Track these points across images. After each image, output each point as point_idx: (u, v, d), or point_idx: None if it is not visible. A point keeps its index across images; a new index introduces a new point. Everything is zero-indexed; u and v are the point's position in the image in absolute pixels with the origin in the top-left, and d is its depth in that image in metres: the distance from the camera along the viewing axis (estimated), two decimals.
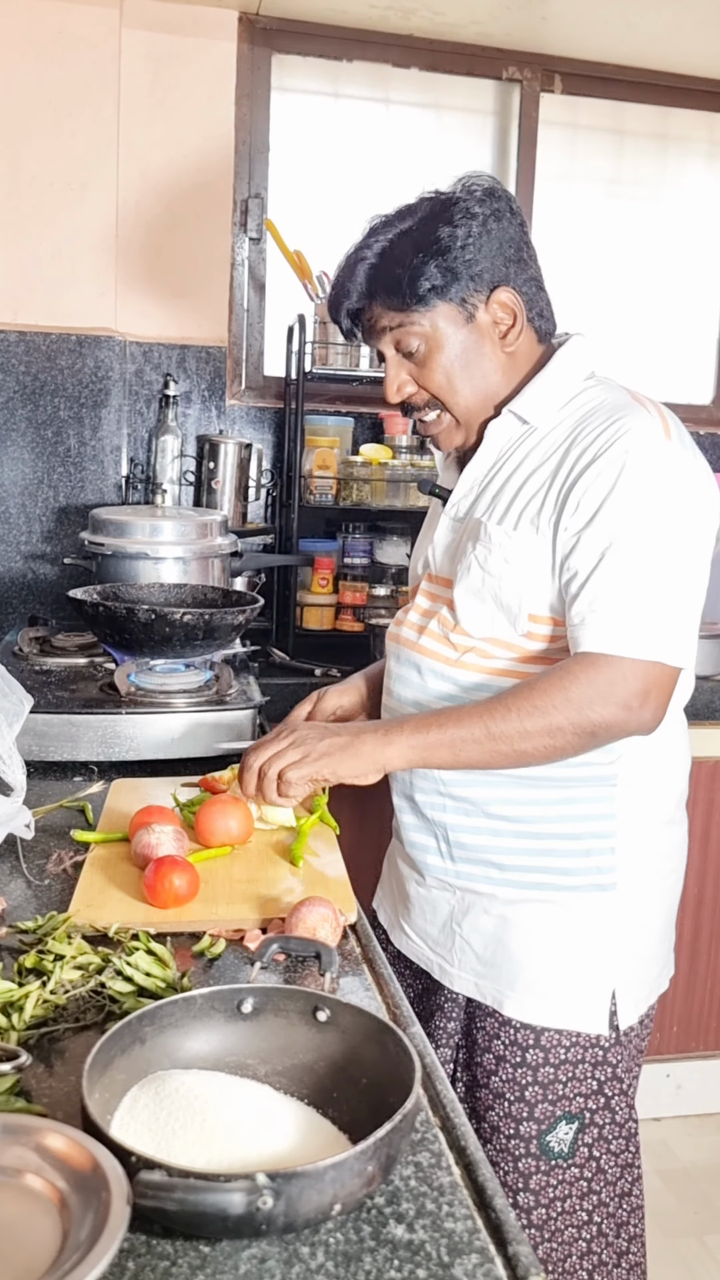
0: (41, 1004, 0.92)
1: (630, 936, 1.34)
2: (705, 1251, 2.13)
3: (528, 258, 1.31)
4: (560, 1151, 1.33)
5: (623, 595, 1.19)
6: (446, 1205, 0.73)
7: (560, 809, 1.29)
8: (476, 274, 1.26)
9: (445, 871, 1.37)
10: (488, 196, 1.27)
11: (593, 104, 2.84)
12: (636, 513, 1.19)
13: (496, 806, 1.30)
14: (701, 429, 2.95)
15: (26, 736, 1.50)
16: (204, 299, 2.57)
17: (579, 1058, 1.32)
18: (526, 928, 1.32)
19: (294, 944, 1.01)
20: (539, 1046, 1.32)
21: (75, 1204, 0.64)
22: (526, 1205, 1.33)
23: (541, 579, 1.25)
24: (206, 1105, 0.76)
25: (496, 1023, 1.34)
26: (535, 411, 1.30)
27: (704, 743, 2.28)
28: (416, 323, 1.28)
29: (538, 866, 1.31)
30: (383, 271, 1.27)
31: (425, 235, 1.25)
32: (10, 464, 2.46)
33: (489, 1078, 1.34)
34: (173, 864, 1.12)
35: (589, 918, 1.31)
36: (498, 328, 1.29)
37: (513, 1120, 1.33)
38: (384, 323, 1.30)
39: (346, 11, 2.51)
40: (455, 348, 1.29)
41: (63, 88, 2.38)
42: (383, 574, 2.59)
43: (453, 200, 1.27)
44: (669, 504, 1.20)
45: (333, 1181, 0.67)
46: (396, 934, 1.49)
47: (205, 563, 2.03)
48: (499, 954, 1.33)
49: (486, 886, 1.34)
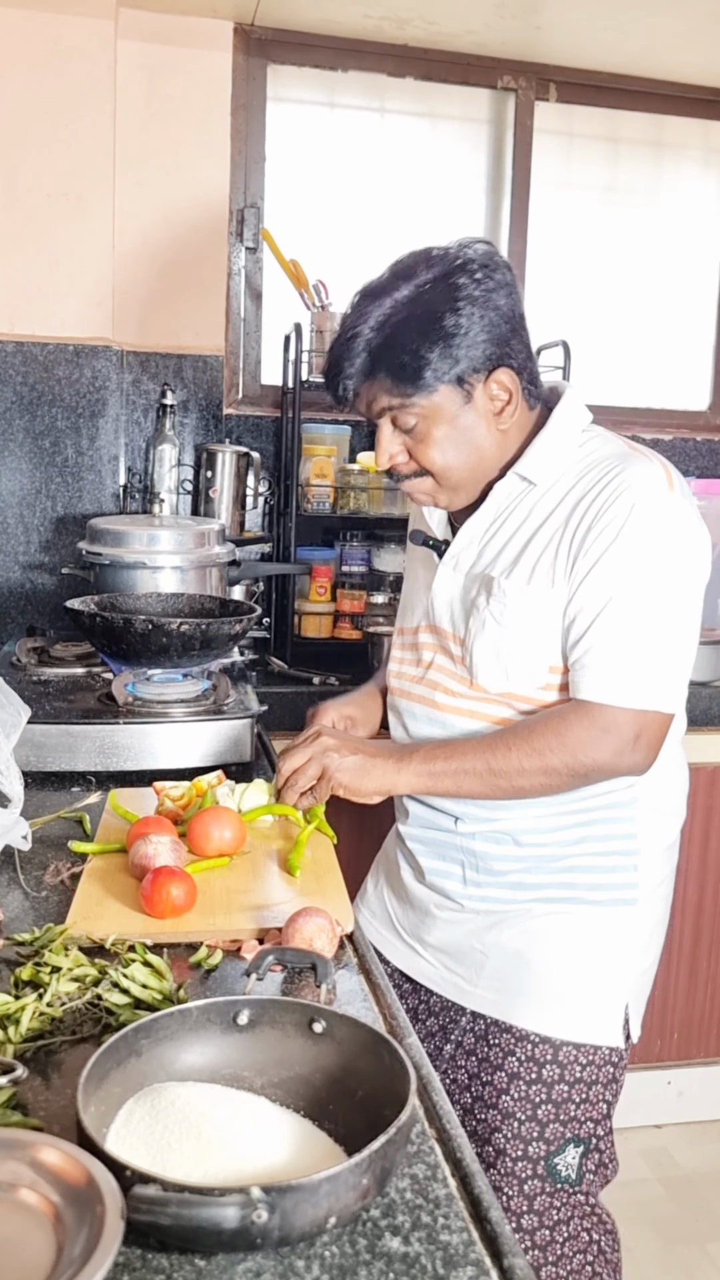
0: (38, 1016, 0.92)
1: (643, 949, 1.38)
2: (706, 1259, 2.13)
3: (522, 329, 1.30)
4: (568, 1177, 1.34)
5: (620, 646, 1.24)
6: (442, 1218, 0.73)
7: (587, 830, 1.34)
8: (476, 357, 1.25)
9: (469, 896, 1.38)
10: (486, 275, 1.25)
11: (587, 112, 2.85)
12: (638, 564, 1.24)
13: (527, 835, 1.34)
14: (698, 435, 2.96)
15: (24, 747, 1.50)
16: (201, 308, 2.58)
17: (594, 1077, 1.34)
18: (549, 941, 1.34)
19: (290, 955, 1.01)
20: (556, 1062, 1.33)
21: (70, 1218, 0.64)
22: (530, 1228, 1.33)
23: (557, 630, 1.29)
24: (202, 1118, 0.76)
25: (513, 1038, 1.34)
26: (539, 471, 1.32)
27: (704, 749, 2.28)
28: (417, 404, 1.27)
29: (565, 883, 1.34)
30: (385, 353, 1.25)
31: (428, 321, 1.23)
32: (8, 474, 2.47)
33: (499, 1097, 1.34)
34: (170, 875, 1.12)
35: (611, 931, 1.35)
36: (494, 405, 1.29)
37: (521, 1141, 1.33)
38: (383, 403, 1.29)
39: (341, 22, 2.52)
40: (452, 427, 1.29)
41: (59, 99, 2.38)
42: (380, 582, 2.59)
43: (453, 280, 1.24)
44: (669, 556, 1.25)
45: (328, 1195, 0.67)
46: (402, 953, 1.49)
47: (203, 572, 2.03)
48: (520, 968, 1.35)
49: (512, 905, 1.36)
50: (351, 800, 1.32)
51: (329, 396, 1.34)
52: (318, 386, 2.48)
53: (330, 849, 1.33)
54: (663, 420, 2.96)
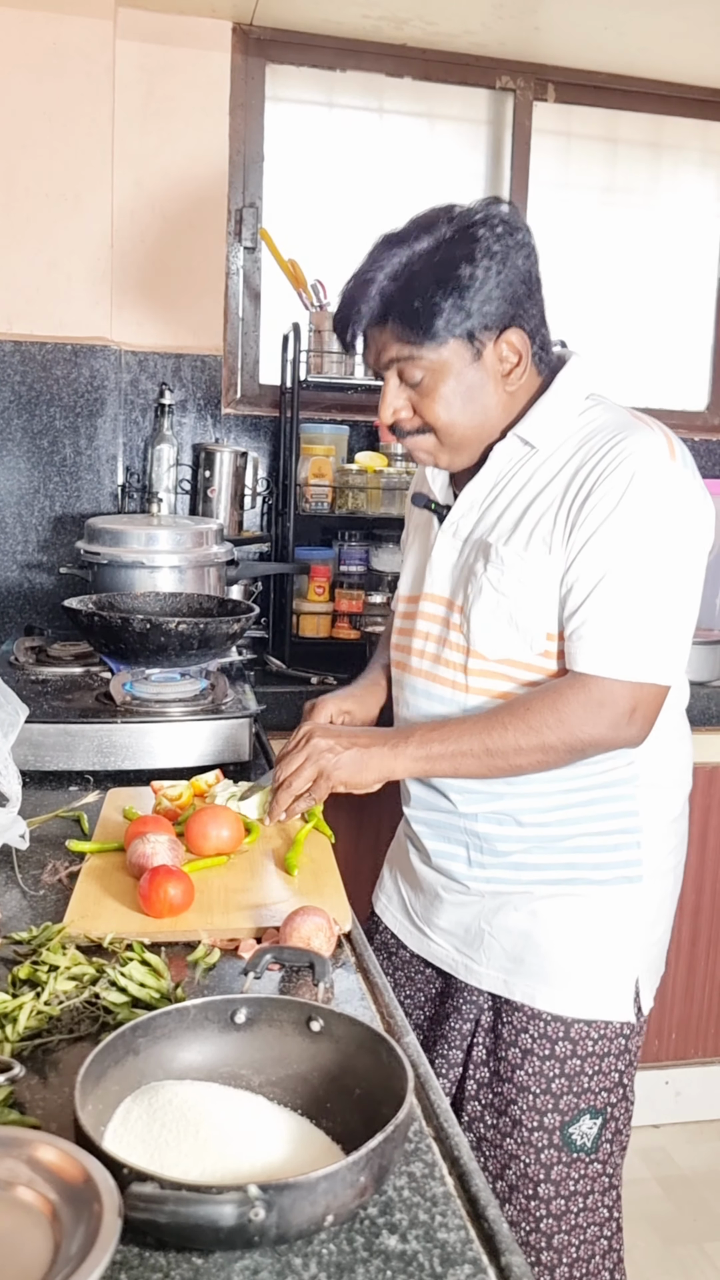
0: (36, 1015, 0.92)
1: (649, 925, 1.39)
2: (704, 1258, 2.13)
3: (537, 293, 1.30)
4: (584, 1146, 1.35)
5: (616, 617, 1.23)
6: (440, 1216, 0.73)
7: (588, 809, 1.34)
8: (489, 314, 1.24)
9: (474, 878, 1.39)
10: (507, 232, 1.24)
11: (586, 112, 2.85)
12: (636, 534, 1.22)
13: (529, 815, 1.34)
14: (696, 435, 2.96)
15: (22, 746, 1.50)
16: (199, 308, 2.58)
17: (605, 1049, 1.35)
18: (556, 922, 1.35)
19: (287, 954, 1.01)
20: (568, 1039, 1.34)
21: (67, 1216, 0.64)
22: (546, 1196, 1.35)
23: (556, 598, 1.28)
24: (200, 1116, 0.76)
25: (525, 1016, 1.35)
26: (539, 434, 1.31)
27: (701, 748, 2.28)
28: (425, 356, 1.26)
29: (568, 863, 1.35)
30: (398, 300, 1.24)
31: (445, 270, 1.22)
32: (6, 473, 2.47)
33: (514, 1072, 1.36)
34: (167, 874, 1.12)
35: (616, 909, 1.35)
36: (503, 365, 1.28)
37: (536, 1113, 1.35)
38: (392, 353, 1.28)
39: (340, 22, 2.52)
40: (459, 383, 1.28)
41: (57, 99, 2.38)
42: (379, 582, 2.59)
43: (473, 232, 1.23)
44: (669, 526, 1.23)
45: (325, 1192, 0.67)
46: (415, 938, 1.50)
47: (201, 571, 2.03)
48: (528, 949, 1.36)
49: (517, 887, 1.37)
50: (353, 793, 1.32)
51: (339, 340, 1.33)
52: (316, 386, 2.49)
53: (328, 848, 1.33)
54: (662, 420, 2.94)
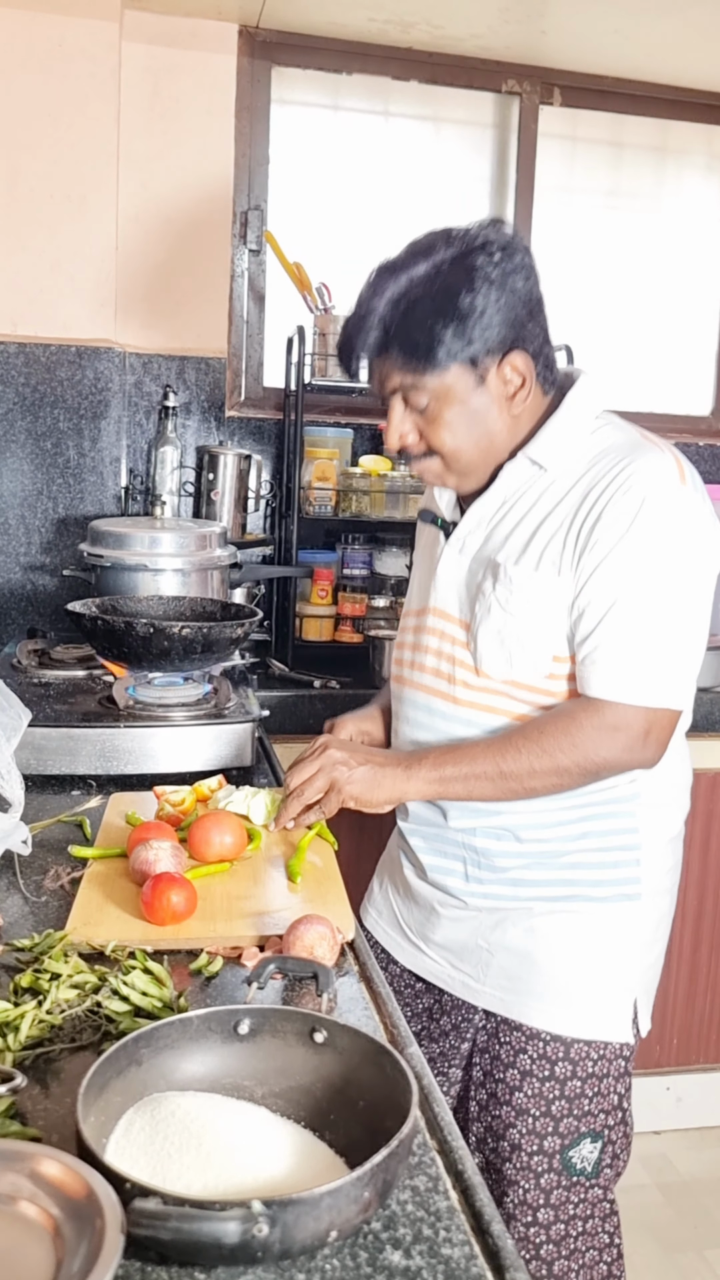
0: (37, 1024, 0.91)
1: (648, 945, 1.38)
2: (705, 1266, 2.12)
3: (539, 313, 1.29)
4: (584, 1170, 1.34)
5: (630, 642, 1.23)
6: (444, 1231, 0.72)
7: (588, 825, 1.33)
8: (490, 339, 1.24)
9: (471, 893, 1.38)
10: (505, 257, 1.24)
11: (592, 116, 2.85)
12: (648, 559, 1.22)
13: (528, 830, 1.33)
14: (701, 440, 2.95)
15: (24, 750, 1.50)
16: (203, 310, 2.58)
17: (605, 1071, 1.34)
18: (554, 940, 1.34)
19: (291, 964, 1.01)
20: (568, 1059, 1.33)
21: (69, 1232, 0.64)
22: (546, 1221, 1.34)
23: (564, 620, 1.27)
24: (203, 1128, 0.75)
25: (524, 1036, 1.34)
26: (549, 456, 1.30)
27: (704, 755, 2.28)
28: (428, 383, 1.26)
29: (567, 880, 1.34)
30: (399, 330, 1.25)
31: (444, 299, 1.22)
32: (9, 475, 2.46)
33: (511, 1094, 1.34)
34: (170, 881, 1.11)
35: (615, 928, 1.35)
36: (507, 388, 1.28)
37: (536, 1136, 1.33)
38: (395, 381, 1.28)
39: (346, 25, 2.52)
40: (463, 409, 1.28)
41: (62, 100, 2.38)
42: (382, 585, 2.59)
43: (471, 260, 1.23)
44: (679, 551, 1.23)
45: (329, 1208, 0.66)
46: (407, 952, 1.48)
47: (204, 574, 2.03)
48: (526, 967, 1.35)
49: (515, 903, 1.35)
50: (362, 811, 1.32)
51: (342, 369, 1.34)
52: (320, 389, 2.48)
53: (331, 855, 1.32)
54: (665, 425, 2.96)
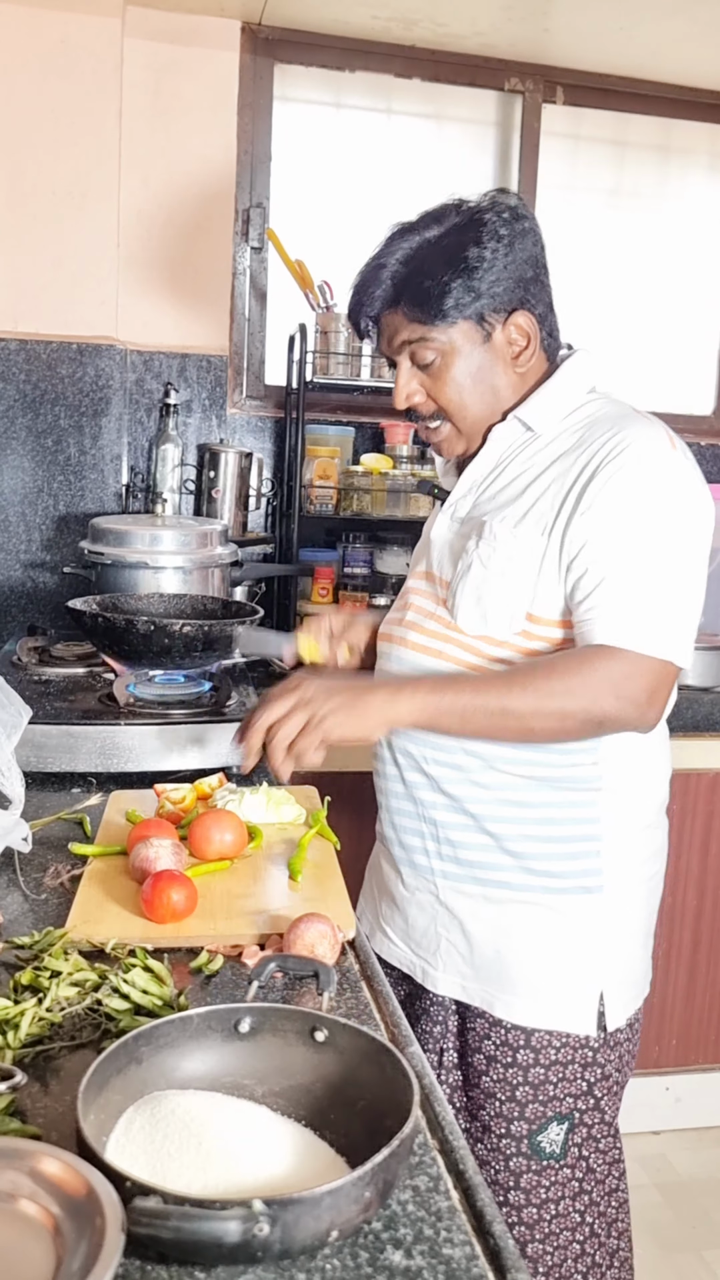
0: (37, 1022, 0.91)
1: (616, 939, 1.36)
2: (703, 1266, 2.12)
3: (544, 279, 1.34)
4: (552, 1152, 1.35)
5: (637, 593, 1.21)
6: (445, 1231, 0.72)
7: (545, 811, 1.31)
8: (498, 295, 1.28)
9: (431, 871, 1.37)
10: (514, 218, 1.28)
11: (594, 115, 2.85)
12: (646, 518, 1.22)
13: (483, 807, 1.31)
14: (703, 440, 2.95)
15: (24, 748, 1.50)
16: (205, 308, 2.57)
17: (569, 1059, 1.34)
18: (514, 930, 1.33)
19: (292, 963, 1.00)
20: (529, 1047, 1.33)
21: (69, 1230, 0.64)
22: (517, 1203, 1.34)
23: (543, 580, 1.26)
24: (203, 1127, 0.75)
25: (487, 1023, 1.35)
26: (540, 419, 1.32)
27: (704, 755, 2.28)
28: (436, 337, 1.29)
29: (525, 869, 1.32)
30: (409, 282, 1.29)
31: (453, 252, 1.26)
32: (10, 472, 2.46)
33: (480, 1077, 1.35)
34: (171, 878, 1.11)
35: (576, 920, 1.33)
36: (511, 348, 1.32)
37: (504, 1120, 1.34)
38: (404, 335, 1.31)
39: (349, 22, 2.51)
40: (470, 365, 1.31)
41: (65, 97, 2.38)
42: (383, 584, 2.59)
43: (480, 218, 1.28)
44: (676, 510, 1.23)
45: (330, 1208, 0.66)
46: (378, 939, 1.49)
47: (205, 572, 2.03)
48: (486, 956, 1.34)
49: (473, 887, 1.34)
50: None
51: (351, 327, 1.37)
52: (322, 387, 2.48)
53: (332, 853, 1.32)
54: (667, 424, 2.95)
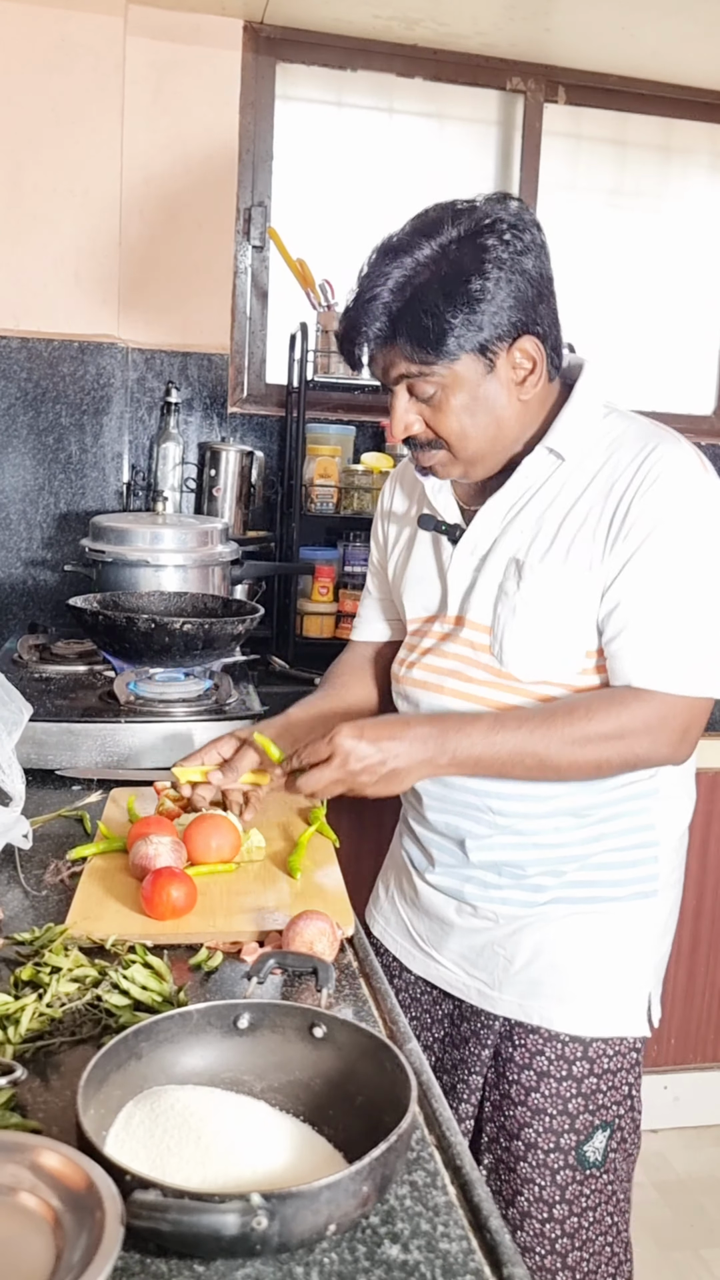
0: (38, 1017, 0.92)
1: (661, 938, 1.37)
2: (700, 1264, 2.13)
3: (549, 292, 1.24)
4: (595, 1160, 1.34)
5: (669, 630, 1.19)
6: (442, 1225, 0.73)
7: (607, 826, 1.30)
8: (501, 324, 1.18)
9: (489, 899, 1.34)
10: (515, 236, 1.18)
11: (596, 115, 2.85)
12: (683, 548, 1.19)
13: (546, 836, 1.29)
14: (703, 440, 2.95)
15: (25, 745, 1.50)
16: (206, 307, 2.58)
17: (619, 1065, 1.34)
18: (572, 941, 1.32)
19: (291, 959, 1.01)
20: (586, 1058, 1.32)
21: (69, 1223, 0.64)
22: (561, 1217, 1.32)
23: (594, 613, 1.23)
24: (202, 1122, 0.75)
25: (541, 1039, 1.32)
26: (569, 445, 1.26)
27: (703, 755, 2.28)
28: (437, 373, 1.20)
29: (588, 881, 1.31)
30: (406, 316, 1.18)
31: (453, 284, 1.16)
32: (11, 470, 2.46)
33: (527, 1095, 1.32)
34: (170, 876, 1.11)
35: (631, 925, 1.33)
36: (516, 374, 1.23)
37: (553, 1134, 1.32)
38: (401, 370, 1.22)
39: (351, 21, 2.51)
40: (471, 397, 1.22)
41: (66, 95, 2.38)
42: None
43: (480, 241, 1.17)
44: (711, 539, 1.21)
45: (328, 1202, 0.67)
46: (419, 960, 1.44)
47: (206, 570, 2.03)
48: (545, 970, 1.32)
49: (534, 910, 1.33)
50: None
51: (344, 359, 1.27)
52: (323, 386, 2.48)
53: (331, 851, 1.33)
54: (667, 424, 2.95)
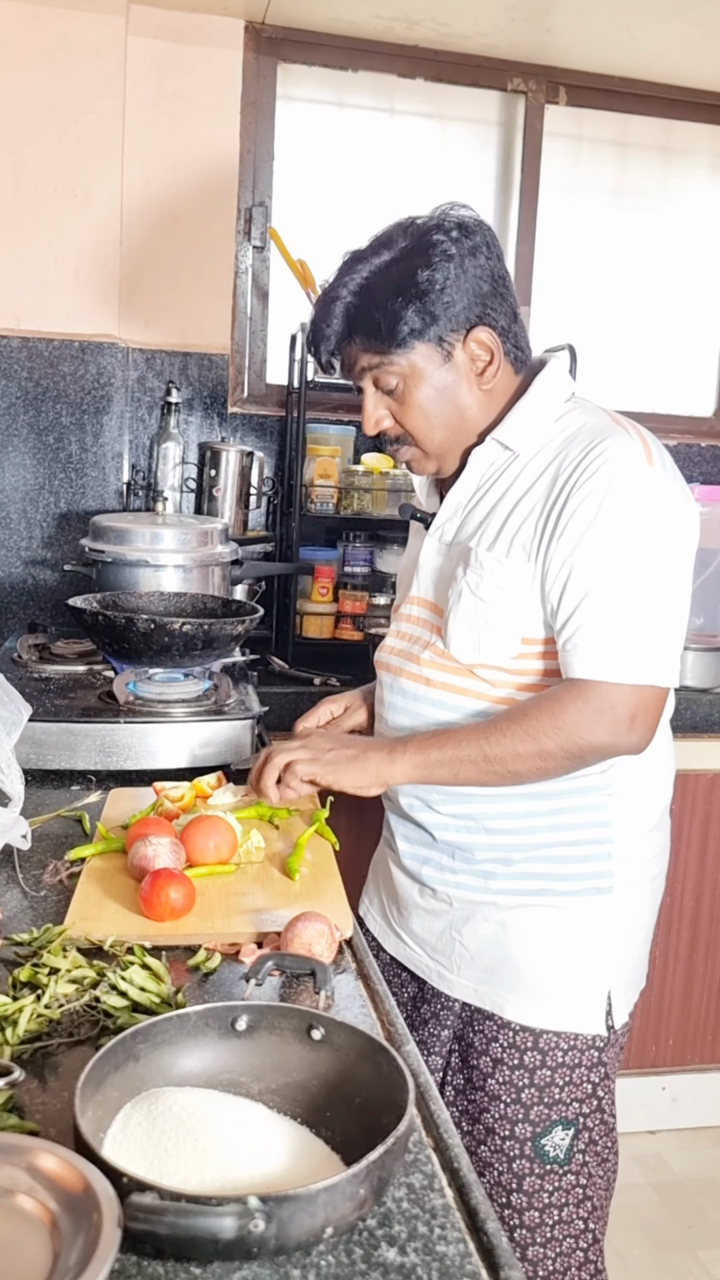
0: (36, 1018, 0.92)
1: (624, 938, 1.38)
2: (698, 1265, 2.13)
3: (504, 290, 1.30)
4: (556, 1157, 1.35)
5: (609, 621, 1.23)
6: (439, 1228, 0.73)
7: (557, 818, 1.33)
8: (454, 315, 1.26)
9: (445, 883, 1.39)
10: (463, 234, 1.25)
11: (597, 116, 2.85)
12: (620, 540, 1.22)
13: (496, 821, 1.33)
14: (703, 441, 2.95)
15: (24, 745, 1.50)
16: (207, 307, 2.57)
17: (576, 1061, 1.35)
18: (526, 932, 1.34)
19: (289, 961, 1.01)
20: (537, 1049, 1.34)
21: (66, 1225, 0.64)
22: (519, 1206, 1.35)
23: (533, 603, 1.28)
24: (200, 1124, 0.75)
25: (495, 1026, 1.35)
26: (518, 438, 1.31)
27: (703, 755, 2.28)
28: (395, 363, 1.28)
29: (538, 873, 1.34)
30: (361, 313, 1.27)
31: (403, 278, 1.24)
32: (12, 469, 2.46)
33: (485, 1080, 1.36)
34: (169, 877, 1.11)
35: (587, 921, 1.35)
36: (475, 364, 1.30)
37: (508, 1122, 1.35)
38: (363, 363, 1.30)
39: (352, 21, 2.51)
40: (433, 387, 1.29)
41: (67, 94, 2.38)
42: (383, 583, 2.59)
43: (429, 239, 1.25)
44: (651, 529, 1.23)
45: (325, 1204, 0.67)
46: (391, 940, 1.50)
47: (206, 570, 2.03)
48: (499, 959, 1.35)
49: (486, 895, 1.36)
50: (349, 794, 1.31)
51: (314, 361, 1.36)
52: (323, 386, 2.48)
53: (329, 853, 1.33)
54: (668, 426, 2.96)
